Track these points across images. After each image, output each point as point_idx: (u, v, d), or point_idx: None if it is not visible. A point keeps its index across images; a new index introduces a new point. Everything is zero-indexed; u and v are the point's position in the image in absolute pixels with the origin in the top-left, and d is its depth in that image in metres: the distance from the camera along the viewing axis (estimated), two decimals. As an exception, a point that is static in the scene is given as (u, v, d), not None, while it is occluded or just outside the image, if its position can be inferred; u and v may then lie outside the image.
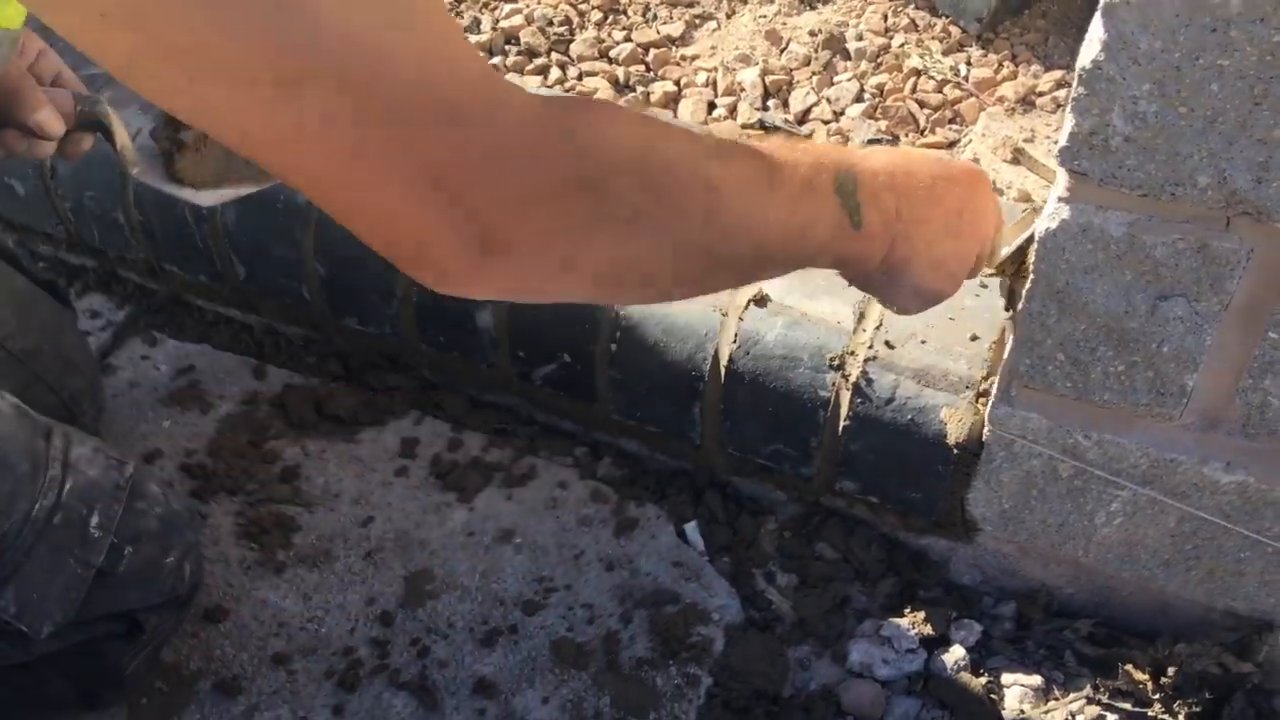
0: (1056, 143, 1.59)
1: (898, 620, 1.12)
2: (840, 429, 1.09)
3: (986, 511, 1.08)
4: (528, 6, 1.84)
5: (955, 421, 1.04)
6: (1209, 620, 1.06)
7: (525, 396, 1.30)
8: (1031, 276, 0.88)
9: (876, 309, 1.11)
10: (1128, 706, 1.05)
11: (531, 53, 1.75)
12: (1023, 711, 1.05)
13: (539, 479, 1.25)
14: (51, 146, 0.90)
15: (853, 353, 1.08)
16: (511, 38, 1.78)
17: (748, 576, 1.17)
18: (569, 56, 1.74)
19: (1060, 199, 0.83)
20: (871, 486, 1.12)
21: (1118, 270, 0.84)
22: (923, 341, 1.08)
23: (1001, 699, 1.07)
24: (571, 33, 1.79)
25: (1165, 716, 1.03)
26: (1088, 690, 1.06)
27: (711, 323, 1.12)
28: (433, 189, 0.52)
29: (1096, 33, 0.73)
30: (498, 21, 1.81)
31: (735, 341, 1.11)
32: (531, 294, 0.61)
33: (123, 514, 0.94)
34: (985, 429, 1.02)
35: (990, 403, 1.00)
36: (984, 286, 1.13)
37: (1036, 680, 1.08)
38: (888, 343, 1.08)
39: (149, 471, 1.07)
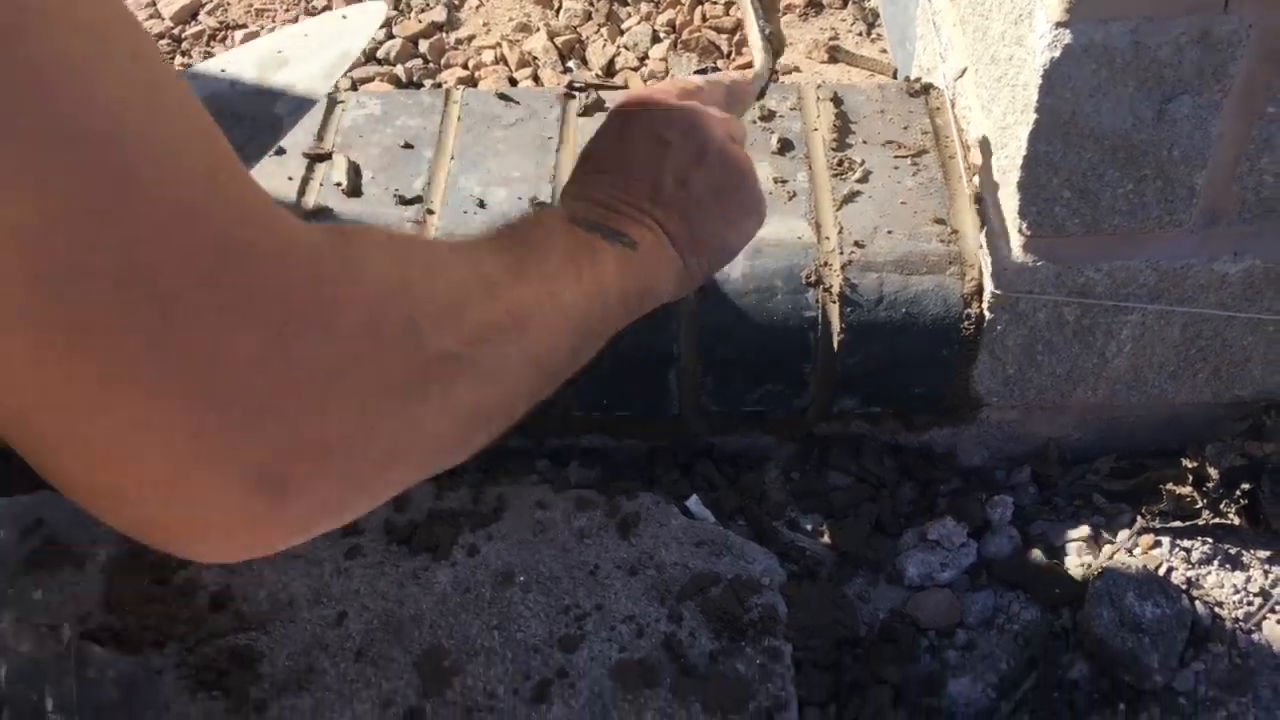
0: (861, 34, 1.60)
1: (936, 521, 1.08)
2: (835, 345, 1.03)
3: (991, 384, 1.05)
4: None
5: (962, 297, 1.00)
6: (1215, 418, 1.09)
7: (462, 425, 1.14)
8: (1035, 118, 0.85)
9: (830, 214, 1.05)
10: (1178, 524, 1.06)
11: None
12: (1087, 565, 1.04)
13: (512, 508, 1.10)
14: None
15: (826, 264, 1.02)
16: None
17: (771, 532, 1.09)
18: (334, 68, 1.56)
19: (1059, 24, 0.80)
20: (874, 396, 1.07)
21: (1122, 83, 0.82)
22: (889, 232, 1.03)
23: (1062, 560, 1.05)
24: (327, 42, 1.61)
25: (1216, 520, 1.05)
26: (1135, 523, 1.06)
27: (670, 276, 1.02)
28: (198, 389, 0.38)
29: None
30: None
31: (701, 290, 1.02)
32: (350, 501, 0.47)
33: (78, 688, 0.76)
34: (985, 297, 0.99)
35: (990, 267, 0.97)
36: (917, 165, 1.10)
37: (1085, 530, 1.07)
38: (857, 243, 1.03)
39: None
